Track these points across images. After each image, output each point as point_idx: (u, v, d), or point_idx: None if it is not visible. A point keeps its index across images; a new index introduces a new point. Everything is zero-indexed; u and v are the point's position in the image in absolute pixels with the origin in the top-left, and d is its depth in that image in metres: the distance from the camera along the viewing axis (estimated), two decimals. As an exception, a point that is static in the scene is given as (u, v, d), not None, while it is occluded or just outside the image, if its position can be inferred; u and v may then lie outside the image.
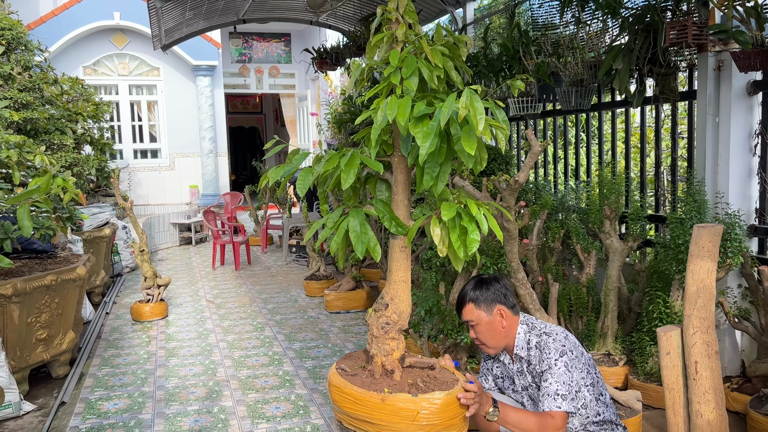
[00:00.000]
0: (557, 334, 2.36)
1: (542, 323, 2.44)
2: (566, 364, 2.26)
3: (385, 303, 2.25)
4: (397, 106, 1.95)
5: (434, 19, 7.27)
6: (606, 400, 2.41)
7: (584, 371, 2.33)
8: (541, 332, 2.38)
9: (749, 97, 3.47)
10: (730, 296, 3.48)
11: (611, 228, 3.86)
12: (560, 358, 2.28)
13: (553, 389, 2.24)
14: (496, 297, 2.42)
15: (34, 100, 5.89)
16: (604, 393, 2.41)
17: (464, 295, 2.47)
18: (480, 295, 2.43)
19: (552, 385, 2.25)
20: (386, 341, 2.26)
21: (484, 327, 2.43)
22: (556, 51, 4.36)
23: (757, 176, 3.54)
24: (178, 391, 3.93)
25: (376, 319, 2.26)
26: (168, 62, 12.30)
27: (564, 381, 2.24)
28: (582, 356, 2.35)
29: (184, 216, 10.87)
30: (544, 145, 3.24)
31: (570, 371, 2.26)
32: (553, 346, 2.31)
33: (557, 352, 2.29)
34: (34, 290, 3.81)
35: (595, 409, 2.36)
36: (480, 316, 2.42)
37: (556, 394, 2.23)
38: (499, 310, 2.42)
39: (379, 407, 2.12)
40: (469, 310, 2.44)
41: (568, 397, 2.22)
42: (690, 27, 3.15)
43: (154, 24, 6.92)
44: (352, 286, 5.91)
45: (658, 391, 3.38)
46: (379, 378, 2.27)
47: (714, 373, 1.68)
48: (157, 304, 5.74)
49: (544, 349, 2.33)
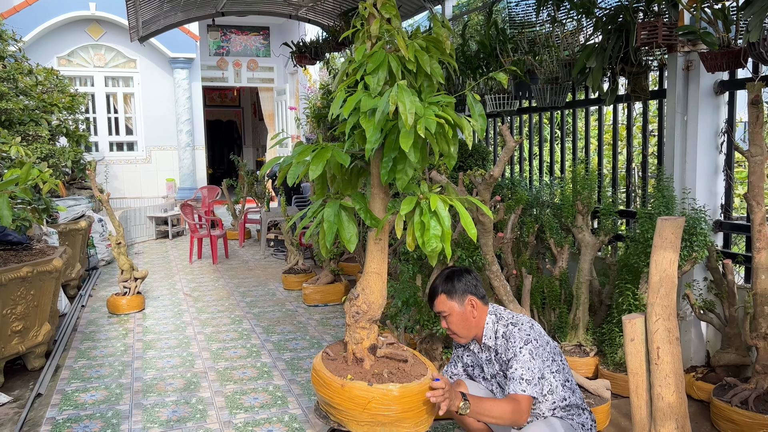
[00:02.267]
0: (523, 324, 2.44)
1: (510, 313, 2.52)
2: (531, 352, 2.35)
3: (356, 293, 2.31)
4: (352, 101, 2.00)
5: (413, 15, 7.32)
6: (572, 386, 2.50)
7: (549, 359, 2.42)
8: (508, 322, 2.46)
9: (716, 97, 3.58)
10: (695, 289, 3.61)
11: (584, 223, 3.97)
12: (525, 346, 2.36)
13: (518, 374, 2.32)
14: (467, 288, 2.49)
15: (8, 90, 5.81)
16: (570, 379, 2.50)
17: (436, 287, 2.54)
18: (452, 286, 2.49)
19: (517, 370, 2.33)
20: (356, 330, 2.32)
21: (456, 317, 2.50)
22: (532, 49, 4.44)
23: (723, 173, 3.66)
24: (155, 383, 3.94)
25: (348, 308, 2.33)
26: (145, 54, 12.17)
27: (528, 367, 2.32)
28: (547, 345, 2.44)
29: (161, 209, 10.80)
30: (518, 141, 3.32)
31: (534, 358, 2.34)
32: (518, 335, 2.39)
33: (522, 341, 2.37)
34: (9, 282, 3.79)
35: (561, 395, 2.45)
36: (452, 306, 2.49)
37: (521, 378, 2.31)
38: (470, 301, 2.49)
39: (338, 392, 2.20)
40: (441, 301, 2.51)
41: (532, 382, 2.31)
42: (660, 28, 3.25)
43: (132, 15, 6.86)
44: (330, 279, 5.96)
45: (626, 380, 3.48)
46: (350, 365, 2.33)
47: (675, 358, 1.77)
48: (134, 297, 5.73)
49: (510, 338, 2.41)
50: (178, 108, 12.51)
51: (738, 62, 3.05)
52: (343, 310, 5.65)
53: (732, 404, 3.02)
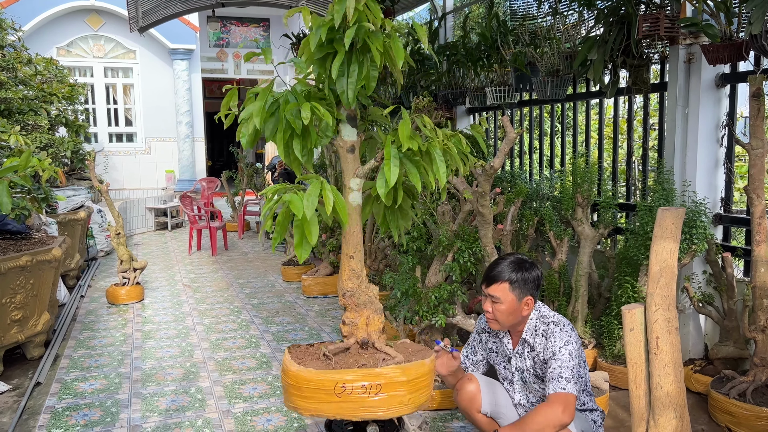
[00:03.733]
0: (564, 325, 2.41)
1: (551, 312, 2.49)
2: (570, 353, 2.34)
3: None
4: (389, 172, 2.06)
5: (414, 6, 7.30)
6: (589, 390, 2.55)
7: (582, 363, 2.45)
8: (550, 321, 2.43)
9: (717, 90, 3.58)
10: (695, 282, 3.61)
11: (583, 215, 3.97)
12: (565, 346, 2.35)
13: (557, 373, 2.31)
14: (532, 286, 2.43)
15: (7, 80, 5.80)
16: (588, 383, 2.55)
17: (502, 271, 2.43)
18: (520, 278, 2.41)
19: (556, 369, 2.32)
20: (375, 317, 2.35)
21: (507, 308, 2.42)
22: (533, 41, 4.43)
23: (723, 167, 3.66)
24: (154, 372, 3.95)
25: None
26: (144, 45, 12.13)
27: (568, 366, 2.31)
28: (579, 350, 2.43)
29: (160, 201, 10.79)
30: (519, 132, 3.32)
31: (572, 359, 2.33)
32: (560, 335, 2.37)
33: (563, 341, 2.36)
34: (8, 271, 3.79)
35: (581, 399, 2.49)
36: (509, 298, 2.41)
37: (560, 377, 2.30)
38: (528, 300, 2.44)
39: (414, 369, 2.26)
40: (502, 288, 2.41)
41: (571, 381, 2.30)
42: (662, 20, 3.24)
43: (132, 5, 6.84)
44: (329, 271, 5.96)
45: (624, 372, 3.50)
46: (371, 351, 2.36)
47: (674, 347, 1.77)
48: (133, 287, 5.73)
49: (550, 337, 2.38)
50: (177, 99, 12.48)
51: (740, 55, 3.04)
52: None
53: (730, 397, 3.03)
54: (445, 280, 3.62)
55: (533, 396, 2.52)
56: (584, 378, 2.50)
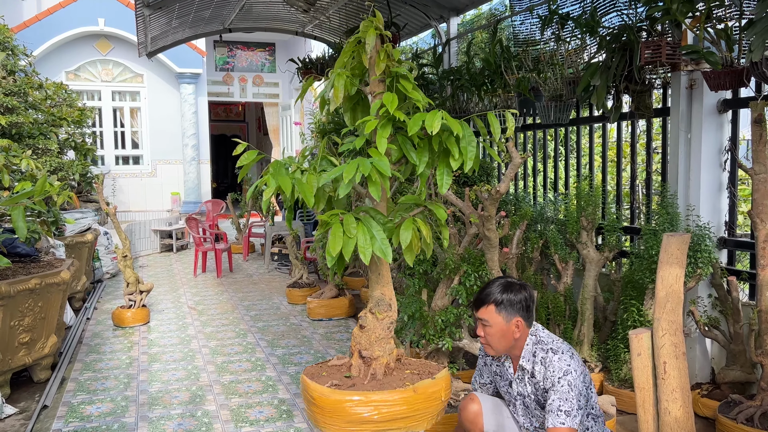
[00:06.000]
0: (563, 352, 2.37)
1: (550, 337, 2.45)
2: (569, 383, 2.30)
3: (388, 304, 2.34)
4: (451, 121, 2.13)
5: (419, 32, 7.41)
6: (596, 413, 2.46)
7: (584, 390, 2.37)
8: (548, 348, 2.39)
9: (719, 115, 3.62)
10: (700, 305, 3.62)
11: (588, 239, 3.99)
12: (564, 377, 2.31)
13: (556, 406, 2.28)
14: (519, 307, 2.41)
15: (18, 104, 5.89)
16: (595, 407, 2.46)
17: (489, 294, 2.43)
18: (506, 299, 2.40)
19: (555, 401, 2.29)
20: (389, 340, 2.36)
21: (496, 331, 2.42)
22: (536, 67, 4.50)
23: (727, 191, 3.69)
24: (161, 396, 3.95)
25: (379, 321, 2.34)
26: (152, 69, 12.29)
27: (567, 398, 2.28)
28: (582, 376, 2.37)
29: (166, 223, 10.84)
30: (524, 158, 3.36)
31: (572, 390, 2.29)
32: (558, 365, 2.33)
33: (561, 371, 2.32)
34: (18, 294, 3.82)
35: (585, 424, 2.42)
36: (497, 320, 2.41)
37: (559, 410, 2.27)
38: (516, 322, 2.41)
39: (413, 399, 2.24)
40: (489, 311, 2.42)
41: (571, 414, 2.26)
42: (664, 47, 3.30)
43: (141, 31, 6.96)
44: (334, 293, 5.97)
45: (631, 396, 3.48)
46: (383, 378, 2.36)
47: (681, 372, 1.78)
48: (139, 309, 5.74)
49: (549, 367, 2.35)
50: (184, 122, 12.60)
51: (741, 81, 3.09)
52: (347, 324, 5.66)
53: (737, 421, 3.02)
54: (452, 303, 3.64)
55: (536, 420, 2.50)
56: (590, 401, 2.44)
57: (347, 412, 2.30)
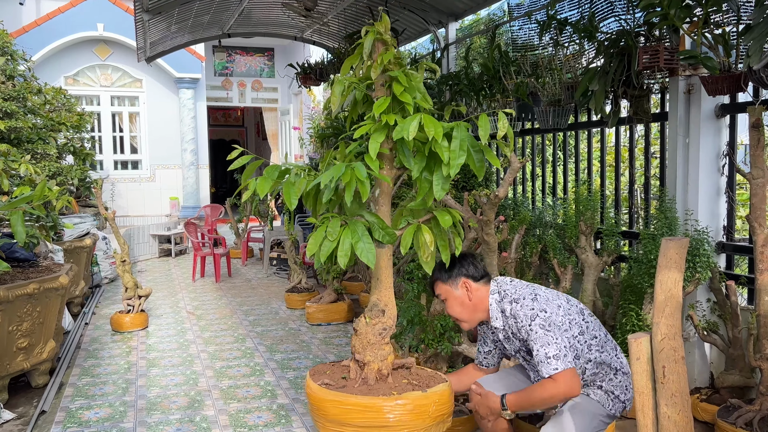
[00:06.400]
0: (524, 298, 2.36)
1: (513, 287, 2.44)
2: (542, 326, 2.27)
3: (381, 309, 2.34)
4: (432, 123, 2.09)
5: (417, 38, 7.43)
6: (600, 343, 2.40)
7: (565, 323, 2.32)
8: (511, 299, 2.39)
9: (717, 120, 3.63)
10: (699, 310, 3.62)
11: (587, 243, 4.00)
12: (533, 322, 2.29)
13: (542, 355, 2.25)
14: (460, 272, 2.46)
15: (17, 109, 5.89)
16: (599, 335, 2.41)
17: (433, 273, 2.53)
18: (445, 269, 2.48)
19: (539, 351, 2.26)
20: (382, 347, 2.35)
21: (453, 302, 2.48)
22: (534, 72, 4.51)
23: (725, 195, 3.70)
24: (159, 401, 3.94)
25: (372, 326, 2.34)
26: (151, 74, 12.31)
27: (548, 342, 2.24)
28: (559, 309, 2.34)
29: (164, 228, 10.84)
30: (523, 162, 3.37)
31: (549, 330, 2.26)
32: (522, 312, 2.33)
33: (528, 318, 2.30)
34: (16, 298, 3.81)
35: (587, 356, 2.37)
36: (448, 291, 2.48)
37: (546, 357, 2.24)
38: (463, 283, 2.45)
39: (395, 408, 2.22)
40: (438, 287, 2.53)
41: (560, 357, 2.23)
42: (662, 52, 3.31)
43: (140, 36, 6.97)
44: (333, 298, 5.97)
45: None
46: (375, 384, 2.35)
47: (680, 377, 1.79)
48: (138, 314, 5.74)
49: (517, 318, 2.35)
50: (182, 127, 12.62)
51: (738, 86, 3.10)
52: (346, 329, 5.66)
53: (737, 426, 3.02)
54: (450, 308, 3.64)
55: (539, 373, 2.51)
56: (585, 333, 2.37)
57: (328, 411, 2.34)
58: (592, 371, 2.41)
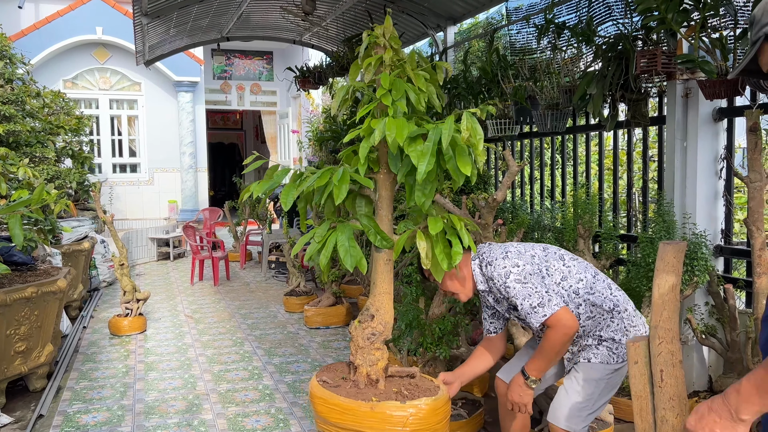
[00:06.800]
0: (495, 259, 2.39)
1: (488, 249, 2.47)
2: (518, 281, 2.29)
3: (371, 314, 2.34)
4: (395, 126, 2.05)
5: (415, 41, 7.44)
6: (588, 285, 2.39)
7: (543, 272, 2.34)
8: (486, 263, 2.42)
9: (715, 124, 3.64)
10: (697, 313, 3.62)
11: (585, 247, 4.00)
12: (507, 279, 2.31)
13: (527, 307, 2.27)
14: None
15: (16, 112, 5.89)
16: (585, 278, 2.40)
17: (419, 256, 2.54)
18: None
19: (523, 305, 2.28)
20: (371, 351, 2.34)
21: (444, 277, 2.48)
22: (533, 75, 4.52)
23: (723, 199, 3.70)
24: (157, 405, 3.93)
25: (361, 330, 2.34)
26: (149, 77, 12.31)
27: (528, 294, 2.27)
28: (534, 258, 2.37)
29: (163, 231, 10.83)
30: (521, 166, 3.37)
31: (526, 282, 2.28)
32: (496, 272, 2.35)
33: (502, 276, 2.33)
34: (14, 302, 3.81)
35: (576, 301, 2.37)
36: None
37: (532, 308, 2.26)
38: None
39: (369, 415, 2.19)
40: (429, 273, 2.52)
41: (544, 303, 2.24)
42: (659, 56, 3.32)
43: (139, 40, 6.97)
44: (332, 301, 5.96)
45: (629, 404, 3.49)
46: (364, 388, 2.34)
47: (678, 381, 1.78)
48: (136, 318, 5.73)
49: (494, 279, 2.37)
50: (181, 130, 12.62)
51: (736, 90, 3.11)
52: (344, 332, 5.65)
53: (735, 429, 3.01)
54: (449, 311, 3.64)
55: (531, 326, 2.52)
56: (569, 277, 2.37)
57: (317, 407, 2.39)
58: (587, 315, 2.39)
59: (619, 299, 2.46)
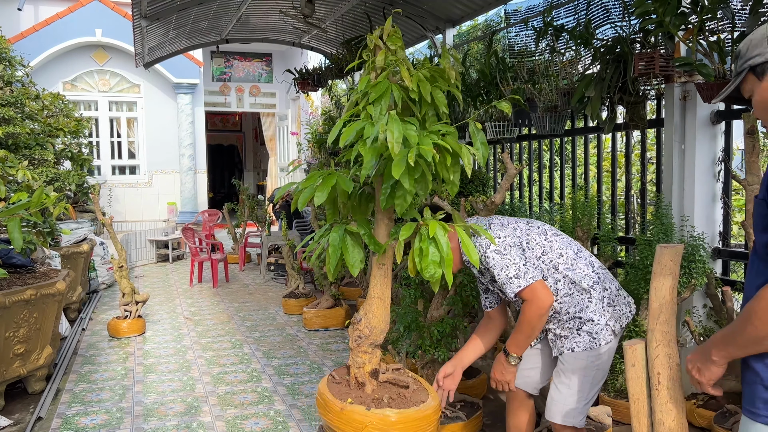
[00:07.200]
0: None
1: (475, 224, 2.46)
2: (497, 251, 2.31)
3: (359, 317, 2.34)
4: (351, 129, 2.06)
5: (415, 44, 7.45)
6: (568, 261, 2.39)
7: (523, 243, 2.36)
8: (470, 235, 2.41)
9: (713, 126, 3.65)
10: (695, 316, 3.63)
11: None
12: (487, 250, 2.34)
13: (503, 277, 2.29)
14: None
15: (15, 115, 5.90)
16: (565, 254, 2.40)
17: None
18: None
19: (500, 275, 2.30)
20: (359, 354, 2.35)
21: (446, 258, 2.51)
22: (531, 78, 4.53)
23: (721, 201, 3.71)
24: (156, 407, 3.93)
25: (351, 332, 2.35)
26: (149, 79, 12.32)
27: (506, 264, 2.29)
28: (516, 230, 2.39)
29: (162, 233, 10.83)
30: (520, 168, 3.38)
31: (505, 254, 2.30)
32: (478, 243, 2.37)
33: (483, 247, 2.35)
34: (13, 304, 3.81)
35: (555, 276, 2.37)
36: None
37: (508, 279, 2.28)
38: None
39: (338, 415, 2.22)
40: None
41: (520, 275, 2.26)
42: (657, 59, 3.33)
43: (138, 42, 6.99)
44: (330, 304, 5.96)
45: (627, 407, 3.49)
46: (352, 389, 2.35)
47: (675, 383, 1.79)
48: (135, 320, 5.73)
49: (477, 251, 2.37)
50: (180, 132, 12.63)
51: (733, 93, 3.11)
52: (343, 334, 5.65)
53: (733, 431, 3.02)
54: (448, 313, 3.64)
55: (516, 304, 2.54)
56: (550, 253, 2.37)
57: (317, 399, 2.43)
58: (564, 292, 2.38)
59: (601, 277, 2.44)
